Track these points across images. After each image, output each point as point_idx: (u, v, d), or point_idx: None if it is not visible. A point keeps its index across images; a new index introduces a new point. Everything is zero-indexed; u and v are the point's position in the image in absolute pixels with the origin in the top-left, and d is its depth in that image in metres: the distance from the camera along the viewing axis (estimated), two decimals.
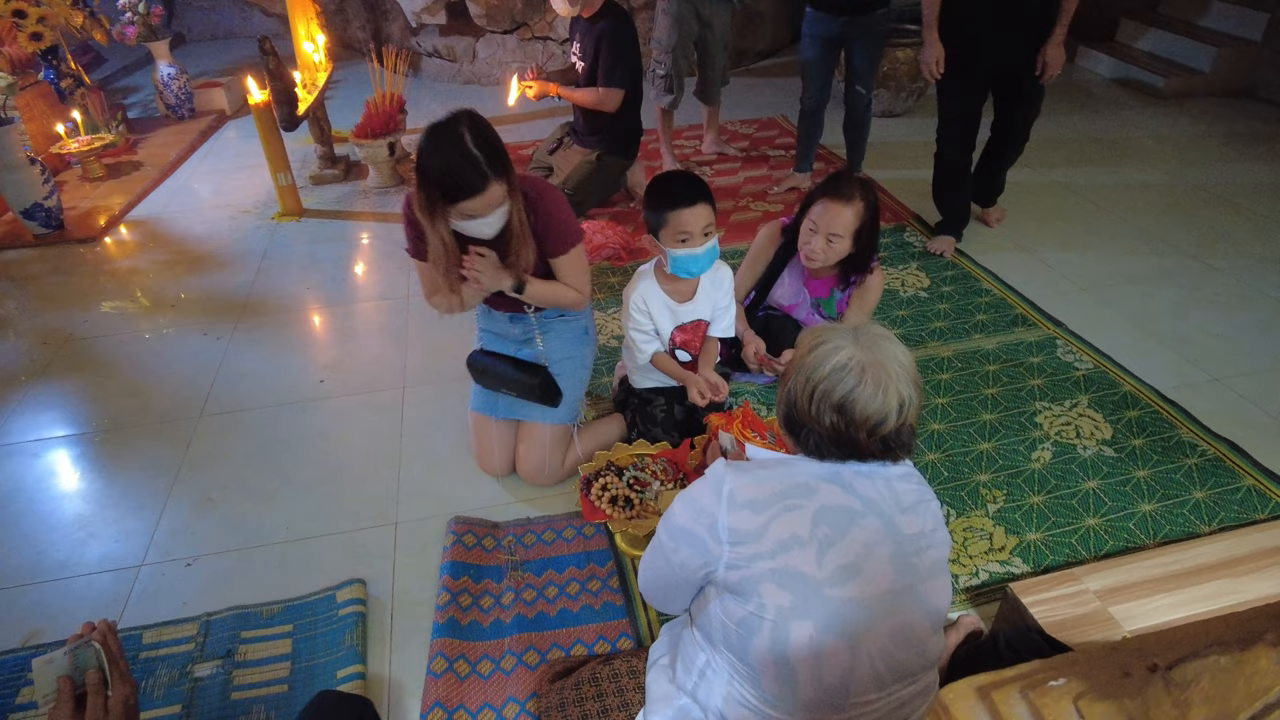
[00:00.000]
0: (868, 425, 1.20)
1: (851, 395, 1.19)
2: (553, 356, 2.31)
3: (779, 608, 1.16)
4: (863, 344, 1.23)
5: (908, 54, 4.88)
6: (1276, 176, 4.05)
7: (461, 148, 1.78)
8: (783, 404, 1.30)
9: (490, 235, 1.96)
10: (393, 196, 4.31)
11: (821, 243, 2.32)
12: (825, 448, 1.24)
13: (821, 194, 2.33)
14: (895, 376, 1.20)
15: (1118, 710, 0.56)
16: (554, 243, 2.09)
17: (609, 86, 3.48)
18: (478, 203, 1.83)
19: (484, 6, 5.74)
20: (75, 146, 4.50)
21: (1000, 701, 0.62)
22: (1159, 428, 2.42)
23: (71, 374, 2.99)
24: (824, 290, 2.53)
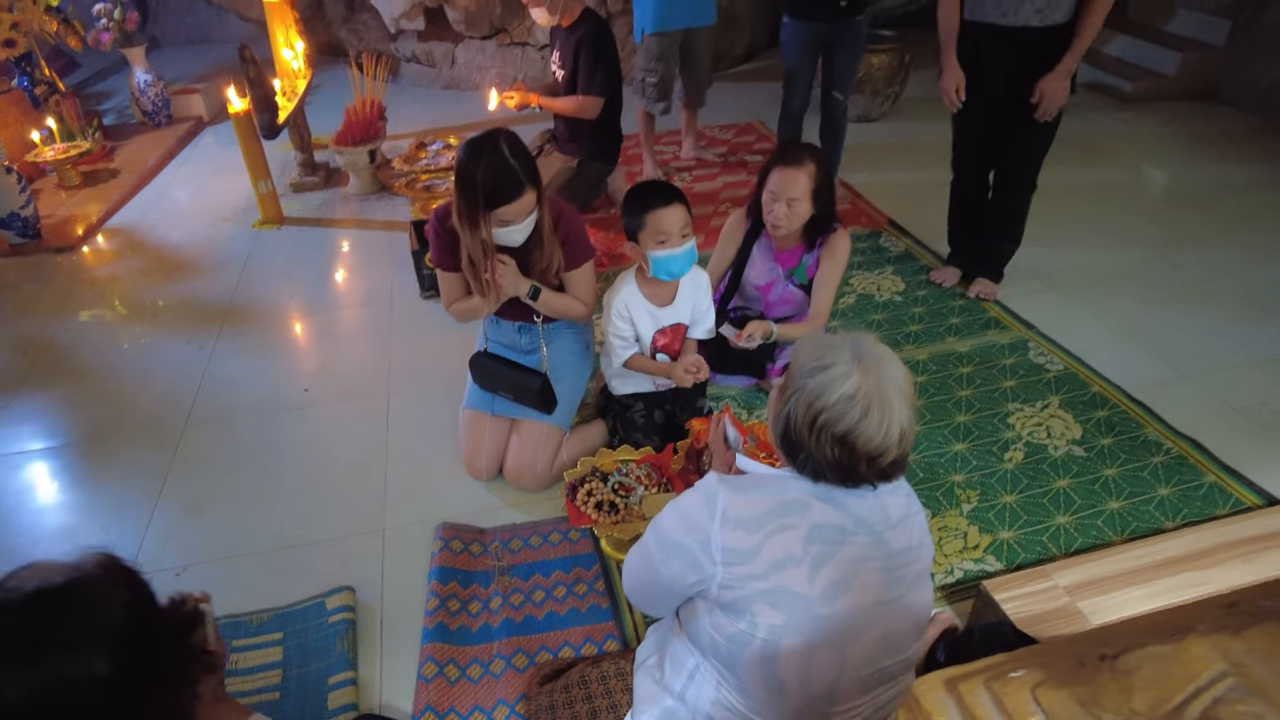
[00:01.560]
0: (869, 458, 1.20)
1: (856, 429, 1.18)
2: (554, 365, 2.39)
3: (771, 626, 1.18)
4: (866, 367, 1.21)
5: (882, 60, 4.95)
6: (1241, 177, 4.17)
7: (501, 158, 1.96)
8: (780, 422, 1.29)
9: (519, 242, 2.11)
10: (373, 203, 4.32)
11: (783, 208, 2.43)
12: (823, 474, 1.23)
13: (774, 163, 2.46)
14: (896, 405, 1.20)
15: (1070, 697, 0.61)
16: (572, 256, 2.24)
17: (589, 94, 3.52)
18: (514, 208, 2.01)
19: (462, 12, 5.75)
20: (51, 154, 4.47)
21: (966, 693, 0.67)
22: (1126, 427, 2.50)
23: (51, 384, 2.99)
24: (794, 260, 2.63)
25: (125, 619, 0.94)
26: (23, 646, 0.88)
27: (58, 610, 0.91)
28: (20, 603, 0.91)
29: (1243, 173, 4.21)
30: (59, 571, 0.95)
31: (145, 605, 1.00)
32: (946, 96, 2.94)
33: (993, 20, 2.68)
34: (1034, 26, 2.63)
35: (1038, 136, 2.84)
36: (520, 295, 2.19)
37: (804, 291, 2.64)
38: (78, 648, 0.90)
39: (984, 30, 2.73)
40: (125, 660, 0.92)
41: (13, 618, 0.90)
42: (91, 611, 0.92)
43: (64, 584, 0.93)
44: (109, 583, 0.96)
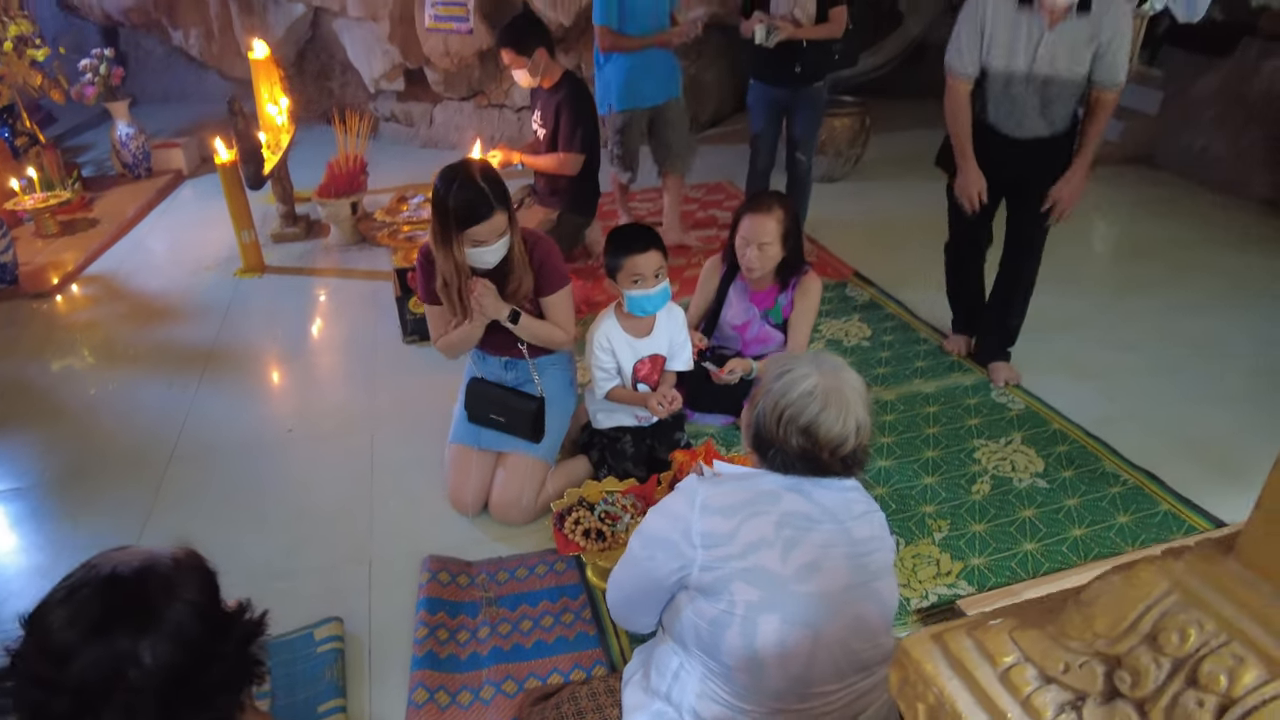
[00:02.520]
0: (830, 446, 1.35)
1: (817, 419, 1.34)
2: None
3: (748, 604, 1.29)
4: (824, 371, 1.39)
5: (845, 123, 5.23)
6: (1180, 232, 4.45)
7: (473, 182, 2.08)
8: (751, 426, 1.44)
9: (492, 264, 2.20)
10: (354, 253, 4.41)
11: (755, 252, 2.61)
12: (791, 464, 1.38)
13: (745, 211, 2.66)
14: (852, 402, 1.37)
15: (1042, 634, 0.69)
16: (546, 282, 2.33)
17: (570, 151, 3.68)
18: (485, 228, 2.10)
19: (442, 74, 5.95)
20: (30, 203, 4.50)
21: (950, 640, 0.74)
22: (1085, 460, 2.63)
23: (30, 425, 2.98)
24: (769, 300, 2.79)
25: (187, 616, 0.98)
26: (93, 623, 0.93)
27: (127, 596, 0.96)
28: (96, 583, 0.96)
29: (1180, 229, 4.50)
30: (137, 559, 0.99)
31: (209, 606, 1.03)
32: (967, 200, 2.85)
33: (1006, 132, 2.77)
34: (1043, 137, 2.74)
35: (1043, 224, 2.87)
36: (500, 319, 2.25)
37: (779, 330, 2.78)
38: (138, 634, 0.94)
39: (995, 135, 2.78)
40: (179, 655, 0.96)
41: (89, 595, 0.95)
42: (157, 603, 0.97)
43: (137, 571, 0.98)
44: (179, 578, 1.01)
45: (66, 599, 0.96)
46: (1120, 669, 0.63)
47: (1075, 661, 0.66)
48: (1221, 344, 3.34)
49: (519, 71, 3.65)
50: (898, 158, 5.69)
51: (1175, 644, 0.60)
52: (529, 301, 2.33)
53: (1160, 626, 0.61)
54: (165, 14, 5.90)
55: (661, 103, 4.01)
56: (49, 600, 0.98)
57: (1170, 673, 0.60)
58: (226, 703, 1.03)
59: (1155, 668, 0.60)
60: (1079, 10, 2.52)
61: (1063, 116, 2.71)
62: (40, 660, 0.93)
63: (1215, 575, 0.62)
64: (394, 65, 5.95)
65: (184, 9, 5.91)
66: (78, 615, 0.94)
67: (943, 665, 0.75)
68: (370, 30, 5.82)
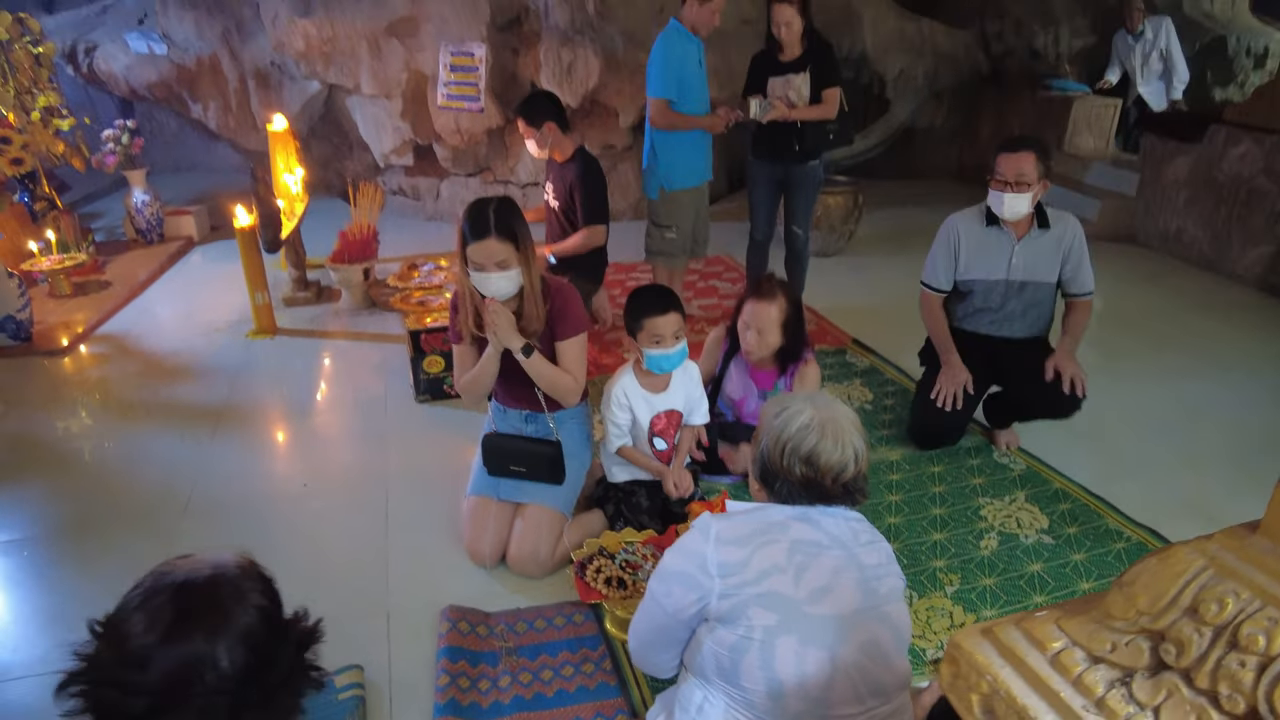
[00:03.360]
0: (832, 473, 1.45)
1: (816, 449, 1.44)
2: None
3: (766, 628, 1.35)
4: (818, 405, 1.50)
5: (838, 201, 5.46)
6: (1163, 304, 4.64)
7: (484, 208, 2.23)
8: (756, 463, 1.54)
9: (500, 295, 2.29)
10: (365, 317, 4.50)
11: (754, 336, 2.71)
12: (796, 493, 1.47)
13: (749, 296, 2.76)
14: (847, 431, 1.48)
15: (1087, 619, 0.75)
16: (562, 326, 2.41)
17: (591, 224, 3.80)
18: (480, 250, 2.22)
19: (450, 150, 6.19)
20: (46, 264, 4.60)
21: (999, 632, 0.80)
22: (1088, 518, 2.70)
23: (41, 476, 3.00)
24: (768, 382, 2.88)
25: (257, 620, 1.03)
26: (169, 627, 0.97)
27: (201, 600, 1.00)
28: (170, 588, 1.00)
29: (1162, 302, 4.69)
30: (206, 566, 1.04)
31: (275, 611, 1.08)
32: (948, 394, 2.91)
33: (987, 333, 3.00)
34: (1022, 337, 2.98)
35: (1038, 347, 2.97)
36: (513, 348, 2.31)
37: None
38: (214, 638, 0.98)
39: (975, 338, 3.00)
40: (250, 658, 1.00)
41: (164, 600, 0.99)
42: (229, 607, 1.01)
43: (209, 578, 1.03)
44: (247, 584, 1.05)
45: (143, 604, 1.00)
46: (1165, 642, 0.69)
47: (1121, 640, 0.72)
48: (1206, 409, 3.47)
49: (530, 141, 3.83)
50: (888, 234, 5.92)
51: (1214, 613, 0.67)
52: (544, 345, 2.41)
53: (1200, 599, 0.68)
54: (187, 88, 6.14)
55: (704, 183, 4.11)
56: (125, 606, 1.02)
57: (1212, 640, 0.66)
58: (289, 706, 1.06)
59: (1198, 637, 0.67)
60: (1039, 226, 2.86)
61: (1041, 318, 2.97)
62: (119, 663, 0.97)
63: (1245, 550, 0.69)
64: (404, 141, 6.19)
65: (204, 84, 6.15)
66: (155, 620, 0.98)
67: (994, 655, 0.81)
68: (383, 107, 6.07)
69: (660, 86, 3.73)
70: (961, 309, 3.05)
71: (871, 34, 6.73)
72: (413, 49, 5.77)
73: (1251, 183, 4.84)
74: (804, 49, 3.84)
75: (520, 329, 2.34)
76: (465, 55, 5.62)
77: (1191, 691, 0.68)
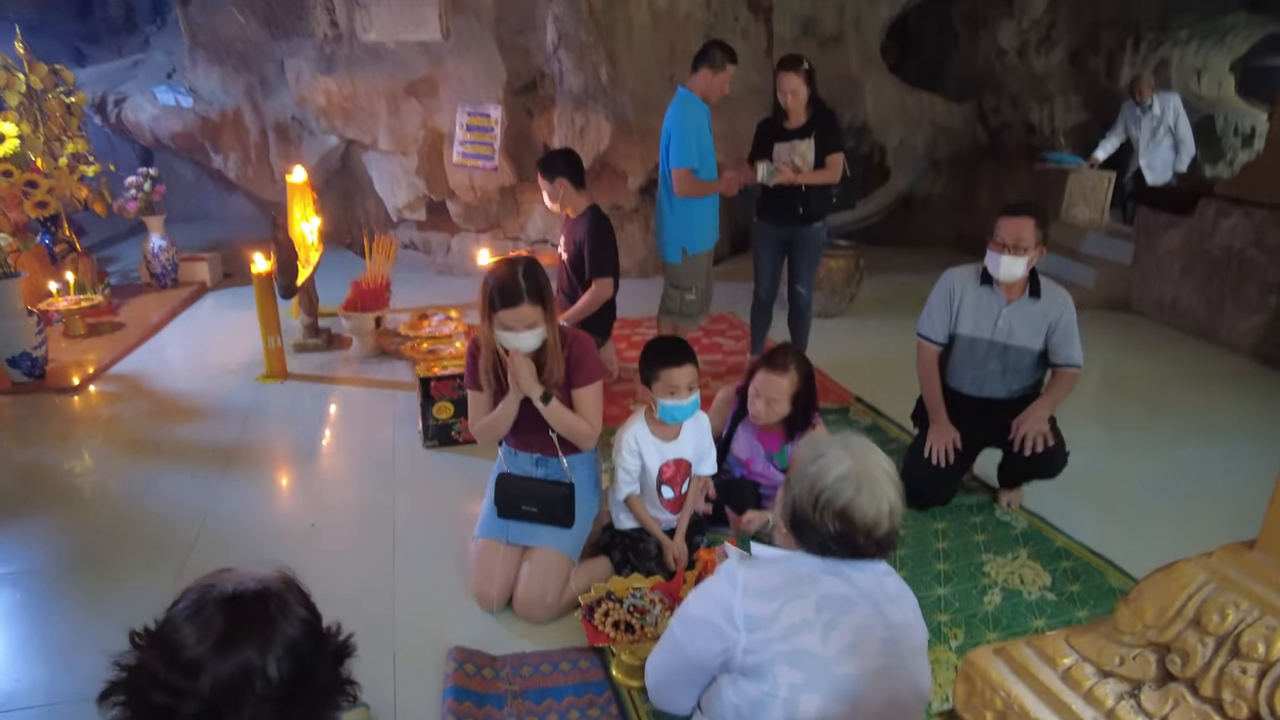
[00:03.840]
0: (865, 529, 1.41)
1: (852, 503, 1.41)
2: None
3: (791, 685, 1.34)
4: (855, 454, 1.46)
5: (840, 264, 5.59)
6: (1158, 371, 4.72)
7: (513, 273, 2.29)
8: (787, 507, 1.50)
9: (524, 350, 2.36)
10: (375, 365, 4.57)
11: (763, 405, 2.74)
12: (828, 547, 1.44)
13: (762, 365, 2.78)
14: (883, 484, 1.44)
15: (1096, 635, 0.79)
16: (579, 375, 2.48)
17: (599, 277, 3.90)
18: (512, 315, 2.30)
19: (463, 207, 6.35)
20: (64, 304, 4.68)
21: (1012, 651, 0.84)
22: (1091, 575, 2.72)
23: (51, 509, 3.02)
24: (775, 445, 2.90)
25: (302, 632, 1.06)
26: (222, 637, 1.00)
27: (250, 612, 1.04)
28: (219, 600, 1.04)
29: (1158, 369, 4.77)
30: (252, 579, 1.08)
31: (316, 624, 1.11)
32: (938, 451, 3.00)
33: (968, 392, 3.09)
34: (1002, 399, 3.04)
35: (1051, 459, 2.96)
36: (533, 396, 2.39)
37: (782, 473, 2.88)
38: (264, 648, 1.01)
39: (959, 396, 3.10)
40: (296, 669, 1.03)
41: (214, 611, 1.03)
42: (277, 619, 1.05)
43: (256, 591, 1.06)
44: (290, 597, 1.09)
45: (194, 615, 1.04)
46: (1170, 653, 0.73)
47: (1129, 654, 0.76)
48: (1203, 474, 3.51)
49: (545, 193, 3.97)
50: (888, 298, 6.04)
51: (1216, 623, 0.71)
52: (561, 392, 2.47)
53: (1202, 610, 0.72)
54: (209, 139, 6.33)
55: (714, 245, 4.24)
56: (174, 616, 1.05)
57: (1215, 649, 0.70)
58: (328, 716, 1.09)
59: (1201, 646, 0.71)
60: (1030, 295, 2.94)
61: (1022, 385, 3.02)
62: (171, 671, 1.00)
63: (1244, 564, 0.74)
64: (418, 196, 6.35)
65: (227, 136, 6.35)
66: (208, 630, 1.02)
67: (1007, 672, 0.85)
68: (398, 163, 6.25)
69: (683, 157, 3.83)
70: (947, 364, 3.14)
71: (873, 105, 6.99)
72: (430, 108, 5.97)
73: (1243, 254, 4.98)
74: (809, 116, 4.00)
75: (541, 379, 2.41)
76: (481, 116, 5.82)
77: (1197, 700, 0.72)
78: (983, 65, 8.34)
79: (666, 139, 3.93)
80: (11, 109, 4.90)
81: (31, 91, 5.02)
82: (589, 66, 5.83)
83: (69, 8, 7.60)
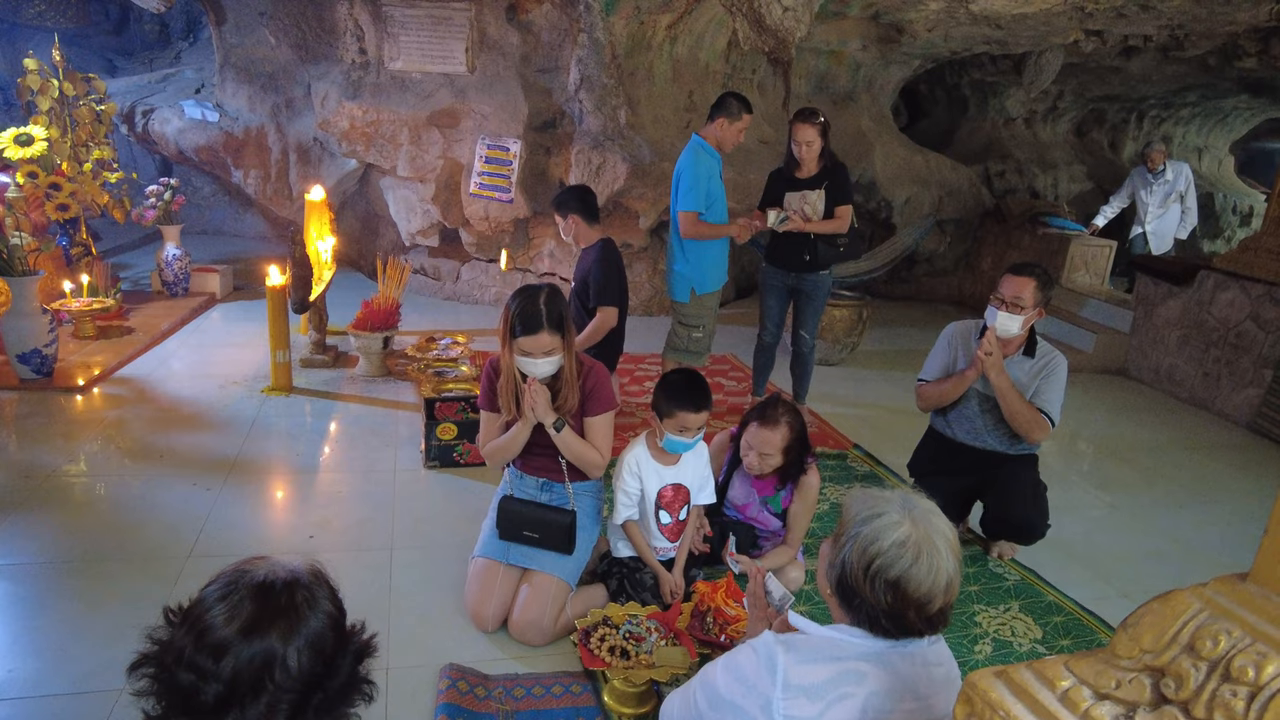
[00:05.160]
0: (917, 604, 1.30)
1: (907, 574, 1.29)
2: None
3: None
4: (915, 519, 1.33)
5: (844, 313, 5.67)
6: (1152, 438, 4.77)
7: (534, 301, 2.35)
8: (835, 568, 1.38)
9: (540, 376, 2.41)
10: (380, 385, 4.60)
11: (755, 457, 2.74)
12: (877, 620, 1.33)
13: (753, 418, 2.78)
14: (944, 554, 1.32)
15: (1094, 660, 0.82)
16: (593, 404, 2.53)
17: (603, 305, 3.97)
18: (532, 342, 2.34)
19: (476, 236, 6.44)
20: (76, 306, 4.73)
21: (1012, 674, 0.87)
22: (1082, 631, 2.74)
23: (50, 507, 3.03)
24: (769, 489, 2.91)
25: (327, 626, 1.09)
26: (249, 622, 1.03)
27: (279, 600, 1.07)
28: (251, 586, 1.07)
29: (1155, 436, 4.82)
30: (284, 569, 1.11)
31: (341, 620, 1.14)
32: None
33: (964, 441, 3.13)
34: (999, 451, 3.06)
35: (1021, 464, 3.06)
36: (546, 423, 2.44)
37: (777, 518, 2.91)
38: (288, 637, 1.04)
39: (954, 445, 3.14)
40: (316, 662, 1.06)
41: (244, 596, 1.05)
42: (304, 610, 1.08)
43: (286, 581, 1.09)
44: (319, 591, 1.12)
45: (225, 597, 1.07)
46: (1165, 677, 0.77)
47: (1125, 678, 0.80)
48: (1194, 540, 3.55)
49: (560, 228, 4.06)
50: (889, 352, 6.11)
51: (1209, 648, 0.75)
52: (574, 419, 2.52)
53: (1197, 636, 0.76)
54: (231, 155, 6.45)
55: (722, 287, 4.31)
56: (205, 597, 1.08)
57: (1208, 673, 0.74)
58: (343, 715, 1.11)
59: (1195, 671, 0.75)
60: (1025, 353, 3.00)
61: (1016, 438, 3.01)
62: (198, 650, 1.03)
63: (1238, 593, 0.78)
64: (432, 223, 6.45)
65: (249, 153, 6.47)
66: (235, 614, 1.05)
67: (1007, 693, 0.88)
68: (414, 190, 6.36)
69: (690, 201, 3.96)
70: (945, 413, 3.18)
71: (882, 162, 7.15)
72: (451, 139, 6.10)
73: (1240, 327, 5.07)
74: (820, 167, 4.12)
75: (555, 405, 2.47)
76: (500, 149, 5.95)
77: None
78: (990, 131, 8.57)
79: (677, 182, 4.05)
80: (43, 113, 5.01)
81: (64, 98, 5.14)
82: (608, 109, 5.98)
83: (106, 21, 7.80)
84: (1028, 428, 2.94)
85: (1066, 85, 8.03)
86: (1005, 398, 2.92)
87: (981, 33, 6.41)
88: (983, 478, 3.11)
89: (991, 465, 3.09)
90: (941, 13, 6.02)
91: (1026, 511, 3.01)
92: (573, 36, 5.94)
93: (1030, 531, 3.04)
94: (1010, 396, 2.91)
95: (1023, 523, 3.02)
